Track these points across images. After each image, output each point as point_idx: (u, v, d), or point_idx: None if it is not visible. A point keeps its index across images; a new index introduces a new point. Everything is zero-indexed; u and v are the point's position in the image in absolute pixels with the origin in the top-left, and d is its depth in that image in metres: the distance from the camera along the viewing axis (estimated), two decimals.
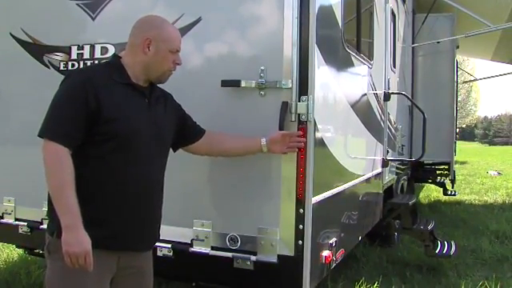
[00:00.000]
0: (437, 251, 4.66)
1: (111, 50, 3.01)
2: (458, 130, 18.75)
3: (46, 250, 2.09)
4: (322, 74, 2.83)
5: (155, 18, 2.25)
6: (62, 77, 3.08)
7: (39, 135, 1.97)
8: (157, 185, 2.21)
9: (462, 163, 20.47)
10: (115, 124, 2.01)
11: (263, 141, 2.53)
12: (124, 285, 2.15)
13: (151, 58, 2.15)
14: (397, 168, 5.61)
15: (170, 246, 2.83)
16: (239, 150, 2.62)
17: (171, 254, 2.84)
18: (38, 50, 3.30)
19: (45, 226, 3.10)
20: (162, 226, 2.26)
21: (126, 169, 2.05)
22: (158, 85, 2.29)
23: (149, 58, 2.15)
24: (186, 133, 2.45)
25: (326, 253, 2.83)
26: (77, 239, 1.87)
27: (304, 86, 2.57)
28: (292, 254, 2.61)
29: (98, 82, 2.04)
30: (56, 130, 1.96)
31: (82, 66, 3.12)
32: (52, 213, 1.98)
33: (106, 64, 2.24)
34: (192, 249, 2.80)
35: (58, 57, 3.22)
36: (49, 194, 1.98)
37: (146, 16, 2.27)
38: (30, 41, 3.33)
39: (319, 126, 2.72)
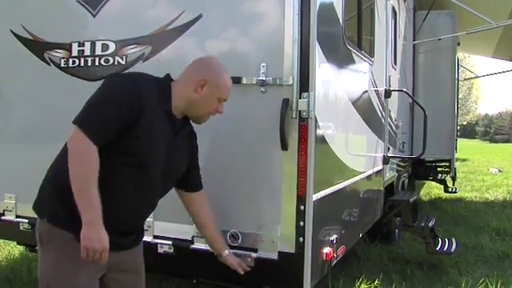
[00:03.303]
0: (437, 248, 4.66)
1: (112, 47, 3.01)
2: (458, 127, 18.71)
3: (37, 238, 2.08)
4: (323, 70, 2.82)
5: (216, 62, 2.30)
6: (63, 74, 3.15)
7: (74, 122, 1.96)
8: (151, 207, 2.26)
9: (463, 160, 20.45)
10: (138, 142, 2.02)
11: (226, 252, 2.58)
12: (118, 281, 2.19)
13: (200, 98, 2.20)
14: (398, 165, 5.61)
15: (170, 242, 2.84)
16: (205, 233, 2.60)
17: (172, 250, 2.85)
18: (38, 47, 3.29)
19: None
20: (162, 223, 2.27)
21: (128, 188, 2.07)
22: None
23: (197, 98, 2.20)
24: (185, 179, 2.42)
25: (326, 250, 2.83)
26: (98, 236, 1.89)
27: (305, 82, 2.57)
28: (293, 250, 2.61)
29: (145, 97, 2.04)
30: (93, 124, 1.96)
31: (82, 63, 3.12)
32: (46, 193, 2.01)
33: (157, 82, 2.19)
34: (193, 245, 2.80)
35: (59, 54, 3.22)
36: (47, 174, 1.99)
37: (209, 58, 2.35)
38: (31, 38, 3.32)
39: (320, 123, 2.71)
